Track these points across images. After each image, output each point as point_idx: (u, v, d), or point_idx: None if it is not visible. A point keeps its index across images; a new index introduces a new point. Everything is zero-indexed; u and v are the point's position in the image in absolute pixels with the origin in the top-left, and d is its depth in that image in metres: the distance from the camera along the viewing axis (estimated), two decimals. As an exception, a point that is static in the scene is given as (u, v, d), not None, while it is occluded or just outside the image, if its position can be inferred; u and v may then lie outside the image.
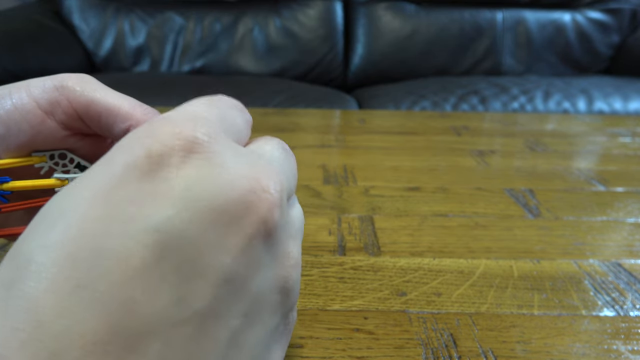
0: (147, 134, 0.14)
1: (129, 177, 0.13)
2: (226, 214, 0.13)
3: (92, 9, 1.61)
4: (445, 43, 1.60)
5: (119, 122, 0.21)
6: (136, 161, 0.13)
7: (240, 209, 0.14)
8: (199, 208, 0.13)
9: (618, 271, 0.32)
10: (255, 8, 1.62)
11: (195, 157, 0.14)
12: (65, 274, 0.11)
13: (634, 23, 1.64)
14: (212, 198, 0.13)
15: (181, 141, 0.14)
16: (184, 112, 0.15)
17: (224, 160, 0.14)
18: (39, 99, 0.21)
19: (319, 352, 0.24)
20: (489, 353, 0.24)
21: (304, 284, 0.29)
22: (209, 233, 0.13)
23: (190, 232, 0.13)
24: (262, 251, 0.15)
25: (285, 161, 0.18)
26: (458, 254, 0.33)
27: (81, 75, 0.22)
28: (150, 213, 0.12)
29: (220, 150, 0.14)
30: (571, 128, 0.69)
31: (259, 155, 0.17)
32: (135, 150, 0.13)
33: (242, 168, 0.14)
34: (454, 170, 0.50)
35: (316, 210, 0.39)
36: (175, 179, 0.13)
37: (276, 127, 0.65)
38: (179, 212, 0.13)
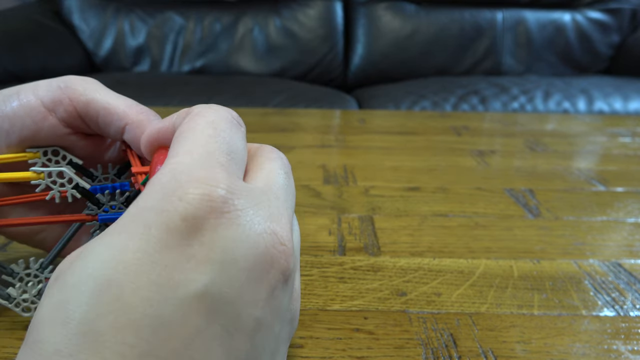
0: (177, 195, 0.14)
1: (170, 241, 0.13)
2: (255, 271, 0.15)
3: (92, 9, 1.61)
4: (445, 43, 1.60)
5: (115, 121, 0.22)
6: (174, 225, 0.14)
7: (265, 265, 0.15)
8: (236, 269, 0.14)
9: (618, 271, 0.32)
10: (255, 8, 1.62)
11: (225, 217, 0.14)
12: (129, 342, 0.12)
13: (634, 23, 1.64)
14: (244, 258, 0.14)
15: (212, 203, 0.14)
16: (201, 159, 0.16)
17: (248, 217, 0.15)
18: (43, 97, 0.22)
19: (319, 352, 0.24)
20: (489, 353, 0.24)
21: (304, 284, 0.29)
22: (244, 290, 0.14)
23: (230, 293, 0.14)
24: (282, 296, 0.16)
25: (288, 187, 0.19)
26: (458, 254, 0.33)
27: (84, 77, 0.23)
28: (196, 278, 0.13)
29: (243, 205, 0.15)
30: (571, 128, 0.69)
31: (268, 191, 0.17)
32: (170, 214, 0.14)
33: (263, 223, 0.15)
34: (454, 170, 0.50)
35: (316, 210, 0.39)
36: (211, 242, 0.14)
37: (276, 127, 0.65)
38: (220, 275, 0.14)
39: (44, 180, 0.23)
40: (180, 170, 0.15)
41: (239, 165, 0.17)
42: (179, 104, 1.17)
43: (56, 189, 0.23)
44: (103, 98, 0.22)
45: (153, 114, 0.23)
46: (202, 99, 1.22)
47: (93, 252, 0.13)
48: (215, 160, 0.16)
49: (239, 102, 1.21)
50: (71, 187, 0.23)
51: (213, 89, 1.30)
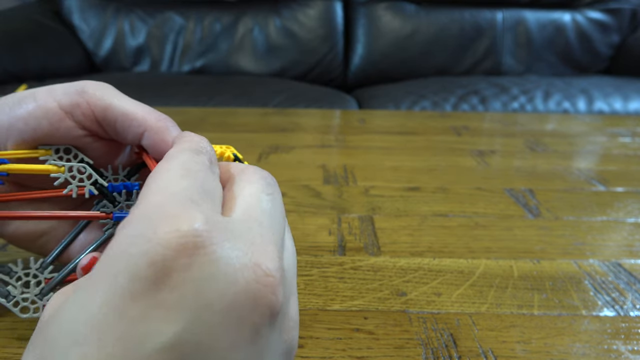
0: (145, 237, 0.13)
1: (137, 290, 0.13)
2: (234, 311, 0.13)
3: (92, 9, 1.61)
4: (445, 43, 1.60)
5: (134, 127, 0.22)
6: (141, 272, 0.13)
7: (247, 303, 0.14)
8: (211, 313, 0.13)
9: (618, 271, 0.32)
10: (255, 8, 1.62)
11: (198, 254, 0.13)
12: None
13: (634, 23, 1.64)
14: (220, 299, 0.13)
15: (183, 239, 0.13)
16: (172, 197, 0.15)
17: (224, 252, 0.14)
18: (61, 100, 0.22)
19: (319, 352, 0.24)
20: (489, 353, 0.24)
21: (304, 284, 0.29)
22: (222, 335, 0.13)
23: (205, 340, 0.13)
24: (270, 332, 0.15)
25: (272, 209, 0.18)
26: (458, 254, 0.33)
27: (100, 83, 0.23)
28: (164, 329, 0.12)
29: (218, 239, 0.14)
30: (571, 128, 0.69)
31: (248, 219, 0.16)
32: (136, 259, 0.13)
33: (242, 256, 0.14)
34: (454, 170, 0.50)
35: (316, 210, 0.39)
36: (182, 285, 0.13)
37: (276, 127, 0.65)
38: (192, 322, 0.13)
39: (64, 174, 0.23)
40: (150, 211, 0.14)
41: (215, 201, 0.16)
42: (179, 104, 1.17)
43: (75, 184, 0.23)
44: (121, 104, 0.22)
45: (170, 120, 0.23)
46: (202, 99, 1.22)
47: (68, 306, 0.13)
48: (189, 197, 0.15)
49: (239, 102, 1.21)
50: (90, 182, 0.23)
51: (213, 89, 1.30)
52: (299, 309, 0.27)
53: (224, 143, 0.26)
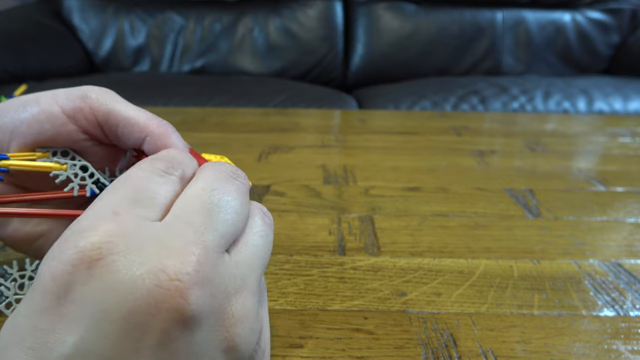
0: (51, 255, 0.15)
1: (45, 304, 0.14)
2: (134, 318, 0.14)
3: (92, 9, 1.61)
4: (445, 43, 1.60)
5: (136, 132, 0.23)
6: (47, 287, 0.14)
7: (147, 309, 0.14)
8: (107, 322, 0.13)
9: (618, 271, 0.32)
10: (255, 8, 1.62)
11: (97, 266, 0.14)
12: None
13: (634, 23, 1.64)
14: (118, 307, 0.14)
15: (80, 254, 0.14)
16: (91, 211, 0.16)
17: (126, 261, 0.14)
18: (64, 105, 0.22)
19: (319, 352, 0.24)
20: (489, 353, 0.24)
21: (304, 284, 0.29)
22: (123, 342, 0.14)
23: (104, 347, 0.13)
24: (186, 336, 0.15)
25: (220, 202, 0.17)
26: (458, 254, 0.33)
27: (103, 88, 0.23)
28: (65, 339, 0.13)
29: (121, 248, 0.14)
30: (571, 128, 0.69)
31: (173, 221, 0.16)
32: (44, 276, 0.14)
33: (146, 262, 0.14)
34: (454, 170, 0.50)
35: (316, 210, 0.39)
36: (81, 297, 0.14)
37: (276, 127, 0.65)
38: (89, 332, 0.13)
39: (66, 171, 0.23)
40: (70, 227, 0.15)
41: (151, 207, 0.16)
42: (179, 104, 1.17)
43: (76, 182, 0.23)
44: (123, 109, 0.23)
45: (171, 126, 0.23)
46: (202, 99, 1.22)
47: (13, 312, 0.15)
48: (107, 210, 0.16)
49: (239, 102, 1.21)
50: (92, 181, 0.23)
51: (213, 89, 1.30)
52: (298, 308, 0.27)
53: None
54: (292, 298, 0.28)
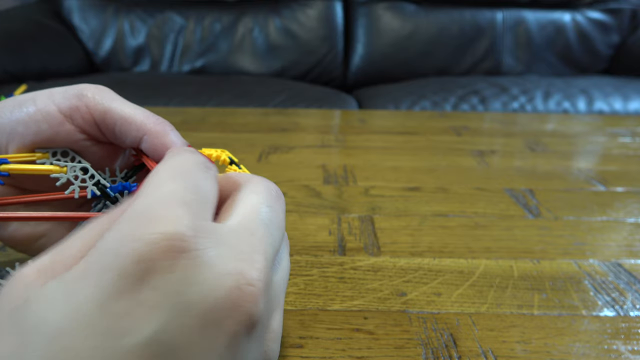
0: (134, 236, 0.14)
1: (122, 286, 0.13)
2: (212, 315, 0.14)
3: (92, 9, 1.61)
4: (445, 43, 1.60)
5: (133, 131, 0.23)
6: (127, 269, 0.13)
7: (225, 309, 0.14)
8: (188, 315, 0.13)
9: (618, 271, 0.32)
10: (255, 8, 1.62)
11: (182, 257, 0.14)
12: None
13: (634, 23, 1.64)
14: (200, 302, 0.14)
15: (169, 242, 0.14)
16: (162, 199, 0.15)
17: (208, 257, 0.14)
18: (61, 104, 0.22)
19: (319, 352, 0.24)
20: (489, 353, 0.24)
21: (304, 284, 0.29)
22: (198, 337, 0.14)
23: (181, 340, 0.13)
24: (246, 341, 0.15)
25: (270, 221, 0.18)
26: (458, 254, 0.33)
27: (99, 86, 0.23)
28: (143, 326, 0.13)
29: (204, 244, 0.14)
30: (571, 128, 0.69)
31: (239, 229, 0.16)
32: (124, 257, 0.13)
33: (226, 262, 0.15)
34: (454, 170, 0.50)
35: (316, 210, 0.39)
36: (164, 285, 0.13)
37: (276, 127, 0.65)
38: (170, 321, 0.13)
39: (67, 174, 0.23)
40: (140, 211, 0.15)
41: (206, 206, 0.16)
42: (179, 104, 1.17)
43: (77, 184, 0.23)
44: (120, 107, 0.23)
45: (169, 124, 0.23)
46: (202, 99, 1.22)
47: (49, 295, 0.13)
48: (178, 199, 0.15)
49: (239, 102, 1.21)
50: (92, 183, 0.23)
51: (213, 89, 1.30)
52: (298, 308, 0.27)
53: (224, 143, 0.26)
54: (292, 298, 0.28)
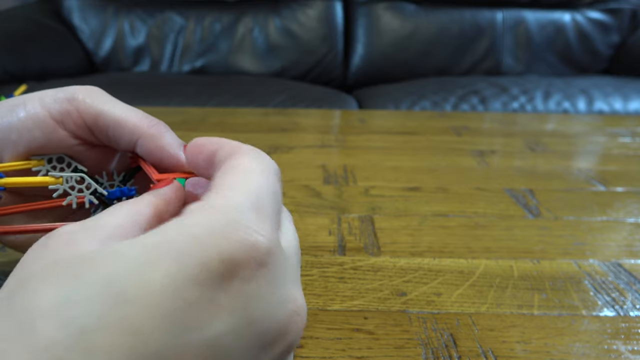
0: (225, 233, 0.14)
1: (202, 279, 0.13)
2: (267, 336, 0.14)
3: (92, 9, 1.61)
4: (445, 43, 1.60)
5: (127, 135, 0.22)
6: (211, 264, 0.13)
7: (280, 333, 0.15)
8: (251, 329, 0.14)
9: (618, 271, 0.32)
10: (255, 8, 1.62)
11: (261, 271, 0.14)
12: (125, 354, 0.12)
13: (634, 23, 1.64)
14: (263, 320, 0.14)
15: (256, 253, 0.14)
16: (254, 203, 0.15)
17: (279, 277, 0.15)
18: (51, 109, 0.22)
19: (319, 352, 0.24)
20: (489, 353, 0.24)
21: (304, 284, 0.29)
22: (250, 351, 0.14)
23: (237, 350, 0.14)
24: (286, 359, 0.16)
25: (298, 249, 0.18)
26: (458, 254, 0.33)
27: (91, 88, 0.22)
28: (211, 324, 0.13)
29: (279, 263, 0.15)
30: (571, 128, 0.69)
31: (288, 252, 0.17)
32: (212, 251, 0.13)
33: (288, 285, 0.15)
34: (454, 170, 0.50)
35: (316, 210, 0.39)
36: (240, 293, 0.14)
37: (276, 127, 0.65)
38: (234, 329, 0.13)
39: (62, 185, 0.23)
40: (234, 208, 0.15)
41: (279, 217, 0.17)
42: (179, 104, 1.17)
43: (74, 194, 0.23)
44: (112, 111, 0.22)
45: (164, 125, 0.22)
46: (202, 99, 1.22)
47: (120, 257, 0.13)
48: (266, 210, 0.16)
49: (239, 102, 1.21)
50: (89, 192, 0.23)
51: (213, 89, 1.30)
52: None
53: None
54: (292, 298, 0.28)
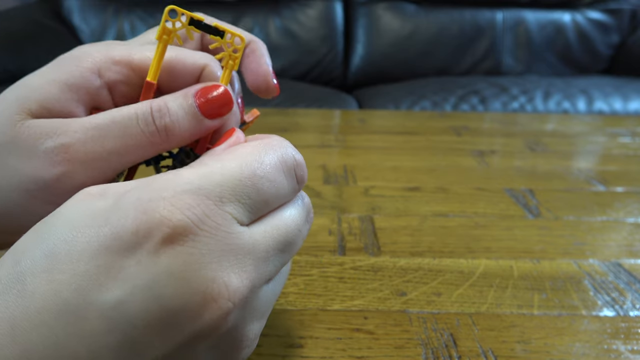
0: (145, 208, 0.14)
1: (114, 247, 0.14)
2: (176, 317, 0.14)
3: (92, 9, 1.61)
4: (445, 43, 1.60)
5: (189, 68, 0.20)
6: (122, 234, 0.14)
7: (190, 316, 0.14)
8: (156, 304, 0.14)
9: (618, 271, 0.32)
10: (255, 8, 1.62)
11: (173, 248, 0.14)
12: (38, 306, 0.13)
13: (634, 23, 1.64)
14: (171, 298, 0.14)
15: (167, 228, 0.14)
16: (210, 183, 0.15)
17: (204, 260, 0.14)
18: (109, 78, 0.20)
19: (319, 352, 0.24)
20: (489, 353, 0.24)
21: (304, 284, 0.29)
22: (154, 329, 0.14)
23: (138, 321, 0.14)
24: (204, 350, 0.15)
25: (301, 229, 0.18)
26: (458, 254, 0.33)
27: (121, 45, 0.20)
28: (113, 290, 0.14)
29: (202, 248, 0.14)
30: (571, 128, 0.69)
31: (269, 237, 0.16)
32: (127, 222, 0.14)
33: (217, 272, 0.14)
34: (454, 170, 0.50)
35: (316, 210, 0.39)
36: (145, 267, 0.14)
37: (276, 127, 0.65)
38: (136, 299, 0.14)
39: None
40: (172, 187, 0.15)
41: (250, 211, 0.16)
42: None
43: None
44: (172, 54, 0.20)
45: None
46: (202, 99, 1.21)
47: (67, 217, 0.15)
48: (220, 195, 0.15)
49: (239, 102, 1.21)
50: None
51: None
52: (298, 308, 0.27)
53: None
54: (292, 298, 0.28)
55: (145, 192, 0.15)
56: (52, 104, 0.18)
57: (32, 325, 0.13)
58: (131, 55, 0.20)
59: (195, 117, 0.18)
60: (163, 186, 0.15)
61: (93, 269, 0.14)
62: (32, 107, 0.18)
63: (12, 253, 0.15)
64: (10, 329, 0.13)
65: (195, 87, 0.19)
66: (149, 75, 0.19)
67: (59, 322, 0.13)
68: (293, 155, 0.18)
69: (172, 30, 0.19)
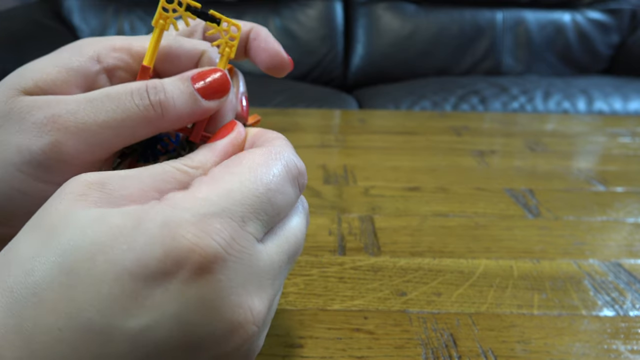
0: (173, 234, 0.14)
1: (139, 273, 0.13)
2: (201, 342, 0.14)
3: (92, 9, 1.61)
4: (445, 43, 1.60)
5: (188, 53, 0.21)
6: (149, 262, 0.13)
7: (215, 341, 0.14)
8: (182, 331, 0.14)
9: (618, 271, 0.32)
10: (255, 8, 1.62)
11: (204, 277, 0.14)
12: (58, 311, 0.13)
13: (634, 23, 1.64)
14: (198, 325, 0.14)
15: (199, 257, 0.14)
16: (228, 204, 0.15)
17: (232, 286, 0.14)
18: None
19: (319, 352, 0.24)
20: (489, 353, 0.24)
21: (304, 284, 0.29)
22: (179, 353, 0.14)
23: (164, 346, 0.13)
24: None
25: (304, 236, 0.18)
26: (458, 254, 0.33)
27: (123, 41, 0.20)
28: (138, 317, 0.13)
29: (230, 274, 0.14)
30: (571, 128, 0.69)
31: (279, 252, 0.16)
32: (154, 249, 0.13)
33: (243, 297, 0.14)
34: (454, 170, 0.50)
35: (316, 210, 0.39)
36: (176, 295, 0.13)
37: (276, 127, 0.65)
38: (162, 327, 0.13)
39: None
40: (197, 210, 0.14)
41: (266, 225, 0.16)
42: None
43: None
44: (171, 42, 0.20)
45: None
46: (202, 99, 1.21)
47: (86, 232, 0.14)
48: (238, 214, 0.15)
49: (239, 102, 1.21)
50: None
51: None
52: (298, 308, 0.27)
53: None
54: (292, 298, 0.28)
55: (168, 214, 0.14)
56: (47, 85, 0.18)
57: (53, 340, 0.13)
58: (131, 43, 0.20)
59: (191, 97, 0.18)
60: (185, 207, 0.14)
61: (118, 292, 0.13)
62: (28, 84, 0.18)
63: (15, 255, 0.14)
64: (26, 343, 0.13)
65: (193, 71, 0.19)
66: (145, 59, 0.19)
67: (83, 340, 0.13)
68: (296, 163, 0.18)
69: (169, 16, 0.19)
